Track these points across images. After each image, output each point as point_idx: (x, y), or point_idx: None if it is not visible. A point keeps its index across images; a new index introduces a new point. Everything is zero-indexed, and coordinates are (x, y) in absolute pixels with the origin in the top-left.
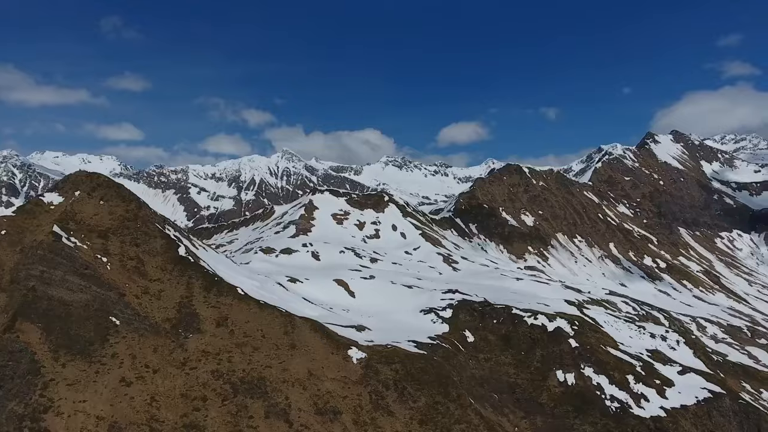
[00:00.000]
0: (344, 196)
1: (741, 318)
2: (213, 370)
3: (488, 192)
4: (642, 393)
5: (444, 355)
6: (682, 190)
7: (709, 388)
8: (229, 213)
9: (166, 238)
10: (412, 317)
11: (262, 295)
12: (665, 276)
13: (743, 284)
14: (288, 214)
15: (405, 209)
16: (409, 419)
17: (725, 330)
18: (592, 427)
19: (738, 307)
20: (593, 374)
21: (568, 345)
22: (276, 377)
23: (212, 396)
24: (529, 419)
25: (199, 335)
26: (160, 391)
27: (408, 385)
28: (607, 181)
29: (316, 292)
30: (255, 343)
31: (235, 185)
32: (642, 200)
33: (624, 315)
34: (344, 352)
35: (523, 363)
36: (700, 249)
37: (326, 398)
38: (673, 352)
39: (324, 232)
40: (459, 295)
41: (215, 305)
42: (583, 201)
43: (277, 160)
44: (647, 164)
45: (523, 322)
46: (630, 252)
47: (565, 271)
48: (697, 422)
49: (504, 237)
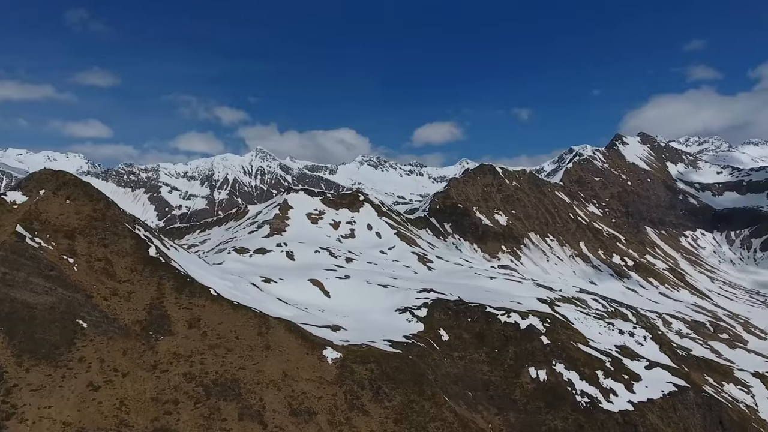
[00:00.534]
0: (319, 196)
1: (704, 314)
2: (185, 372)
3: (462, 192)
4: (611, 388)
5: (419, 354)
6: (648, 191)
7: (675, 381)
8: (202, 212)
9: (136, 238)
10: (387, 316)
11: (236, 296)
12: (633, 274)
13: (706, 281)
14: (262, 213)
15: (380, 209)
16: (385, 418)
17: (689, 325)
18: (563, 422)
19: (701, 303)
20: (564, 370)
21: (540, 342)
22: (250, 379)
23: (184, 399)
24: (503, 415)
25: (171, 337)
26: (129, 395)
27: (383, 384)
28: (578, 181)
29: (290, 292)
30: (228, 344)
31: (208, 184)
32: (611, 200)
33: (594, 312)
34: (319, 352)
35: (497, 360)
36: (665, 247)
37: (301, 399)
38: (641, 347)
39: (299, 231)
40: (434, 294)
41: (187, 306)
42: (555, 201)
43: (251, 159)
44: (616, 165)
45: (497, 320)
46: (599, 251)
47: (538, 270)
48: (663, 415)
49: (478, 236)
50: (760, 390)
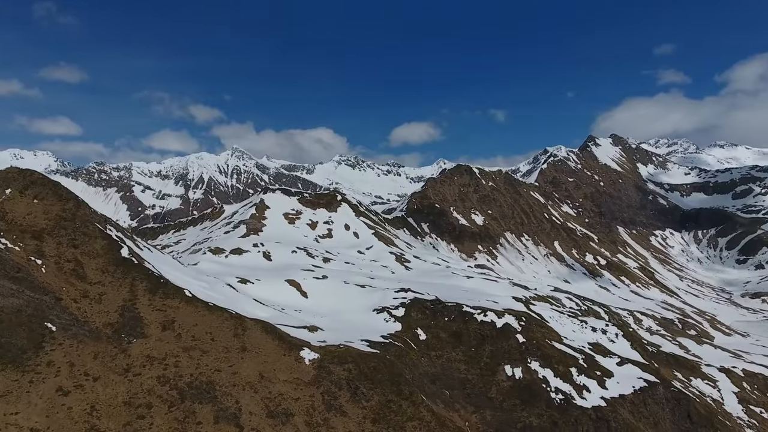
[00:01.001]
0: (296, 195)
1: (673, 311)
2: (159, 375)
3: (439, 192)
4: (584, 384)
5: (396, 354)
6: (620, 191)
7: (645, 377)
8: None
9: (108, 238)
10: (364, 316)
11: (211, 297)
12: (605, 272)
13: (675, 280)
14: (238, 213)
15: (358, 209)
16: (362, 418)
17: (659, 322)
18: (537, 419)
19: (670, 300)
20: (539, 368)
21: (515, 340)
22: (226, 381)
23: (158, 403)
24: (479, 413)
25: (144, 340)
26: (100, 400)
27: (361, 384)
28: (552, 181)
29: (267, 292)
30: (204, 346)
31: (183, 183)
32: (584, 200)
33: (568, 310)
34: (296, 353)
35: (474, 359)
36: (636, 246)
37: (278, 400)
38: (613, 344)
39: (276, 231)
40: (411, 294)
41: (161, 308)
42: (530, 201)
43: (226, 158)
44: (589, 166)
45: (474, 319)
46: (573, 250)
47: (513, 269)
48: (633, 410)
49: (455, 236)
50: (725, 384)
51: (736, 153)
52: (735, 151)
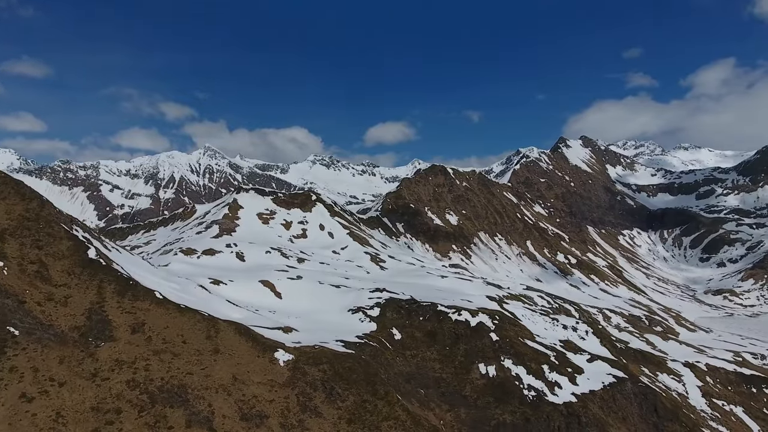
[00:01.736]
0: (270, 195)
1: (640, 308)
2: (128, 379)
3: (414, 192)
4: (556, 381)
5: (372, 354)
6: (590, 192)
7: (614, 373)
8: (146, 212)
9: (74, 239)
10: (339, 317)
11: (183, 299)
12: (575, 271)
13: (642, 278)
14: (211, 213)
15: (332, 209)
16: (338, 419)
17: (627, 319)
18: (511, 416)
19: (638, 298)
20: (512, 365)
21: (489, 339)
22: (198, 384)
23: (127, 408)
24: (454, 412)
25: (112, 343)
26: (67, 406)
27: (336, 385)
28: (525, 182)
29: (240, 293)
30: (175, 349)
31: (153, 183)
32: (555, 200)
33: (540, 308)
34: (270, 354)
35: (448, 358)
36: (605, 246)
37: (252, 403)
38: (583, 341)
39: (249, 231)
40: (386, 294)
41: (130, 311)
42: (503, 201)
43: (198, 157)
44: (560, 167)
45: (448, 318)
46: (545, 249)
47: (487, 268)
48: (603, 405)
49: (429, 236)
50: (690, 378)
51: (700, 155)
52: (698, 154)
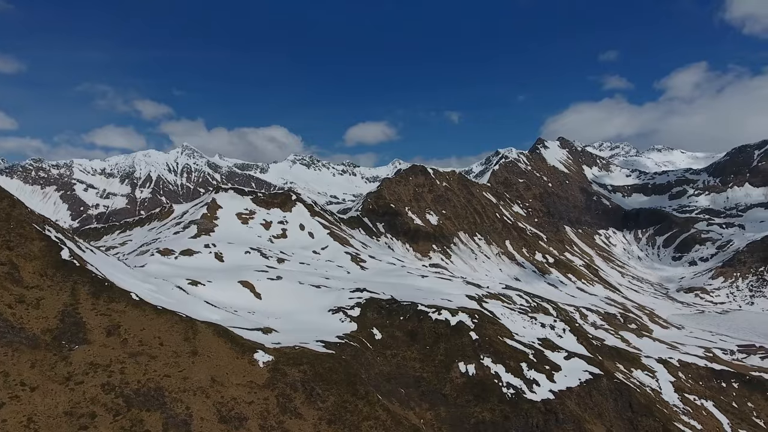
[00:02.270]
0: (250, 195)
1: (615, 306)
2: (103, 383)
3: (395, 192)
4: (534, 378)
5: (352, 354)
6: (567, 192)
7: (590, 370)
8: (122, 212)
9: (46, 240)
10: (320, 317)
11: (160, 300)
12: (553, 270)
13: (617, 276)
14: (189, 213)
15: (313, 208)
16: (318, 420)
17: (603, 317)
18: (490, 414)
19: (613, 296)
20: (491, 364)
21: (469, 338)
22: (176, 386)
23: (102, 412)
24: (434, 410)
25: (87, 346)
26: (39, 411)
27: (316, 385)
28: (504, 182)
29: (219, 294)
30: (152, 351)
31: (129, 182)
32: (533, 201)
33: (518, 307)
34: (250, 355)
35: (428, 357)
36: (582, 245)
37: (231, 405)
38: (560, 339)
39: (228, 232)
40: (367, 294)
41: (105, 313)
42: (483, 201)
43: (176, 156)
44: (538, 167)
45: (428, 317)
46: (523, 249)
47: (467, 268)
48: (580, 402)
49: (410, 236)
50: (663, 374)
51: (672, 157)
52: (671, 155)
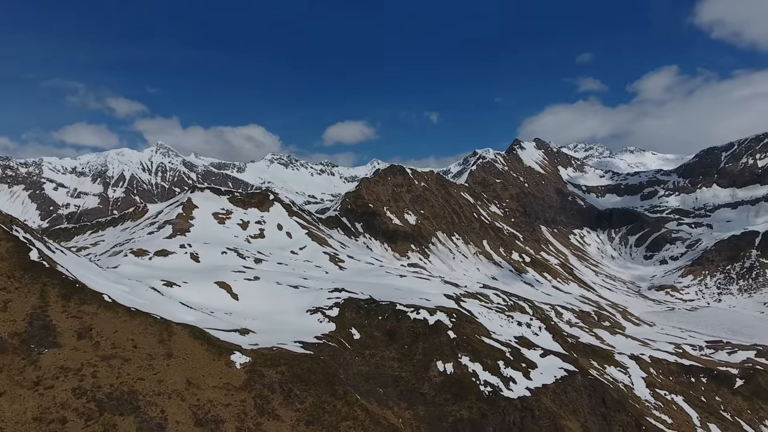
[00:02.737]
0: (226, 195)
1: (590, 304)
2: (74, 387)
3: (373, 192)
4: (511, 376)
5: (331, 354)
6: (543, 192)
7: (565, 367)
8: (94, 212)
9: (14, 240)
10: (298, 318)
11: (133, 302)
12: (529, 269)
13: (591, 275)
14: (163, 213)
15: (291, 208)
16: (296, 421)
17: (577, 315)
18: (468, 412)
19: (587, 294)
20: (469, 362)
21: (447, 336)
22: (150, 390)
23: (73, 417)
24: (412, 409)
25: (57, 350)
26: (6, 417)
27: (294, 386)
28: (481, 182)
29: (195, 295)
30: (125, 354)
31: (101, 181)
32: (510, 201)
33: (495, 306)
34: (227, 357)
35: (407, 356)
36: (557, 245)
37: (207, 408)
38: (536, 337)
39: (204, 232)
40: (345, 294)
41: (76, 315)
42: (461, 201)
43: (150, 155)
44: (515, 168)
45: (407, 317)
46: (501, 248)
47: (445, 267)
48: (555, 398)
49: (388, 235)
50: (635, 370)
51: (644, 158)
52: (643, 157)
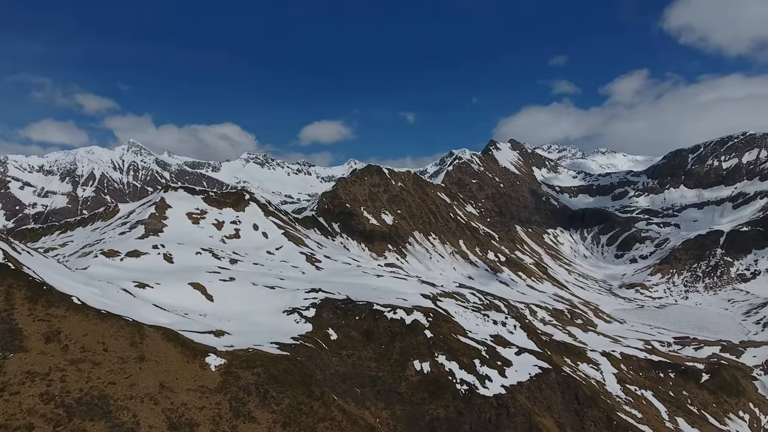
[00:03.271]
0: (201, 194)
1: (563, 302)
2: (41, 393)
3: (350, 192)
4: (486, 374)
5: (307, 355)
6: (518, 192)
7: (539, 365)
8: (63, 211)
9: None
10: (274, 318)
11: (104, 304)
12: (505, 269)
13: (565, 274)
14: (135, 212)
15: (267, 208)
16: (273, 423)
17: (551, 313)
18: (444, 410)
19: (561, 293)
20: (446, 361)
21: (424, 336)
22: (121, 394)
23: (40, 423)
24: (390, 409)
25: (23, 354)
26: None
27: (271, 388)
28: (457, 183)
29: (169, 297)
30: (95, 358)
31: (70, 180)
32: (486, 201)
33: (471, 305)
34: (201, 359)
35: (384, 356)
36: (532, 244)
37: (181, 411)
38: (512, 335)
39: (178, 232)
40: (322, 294)
41: (44, 318)
42: (437, 201)
43: (122, 153)
44: (490, 168)
45: (384, 317)
46: (476, 248)
47: (422, 267)
48: (530, 395)
49: (365, 235)
50: (606, 366)
51: (615, 160)
52: (614, 158)
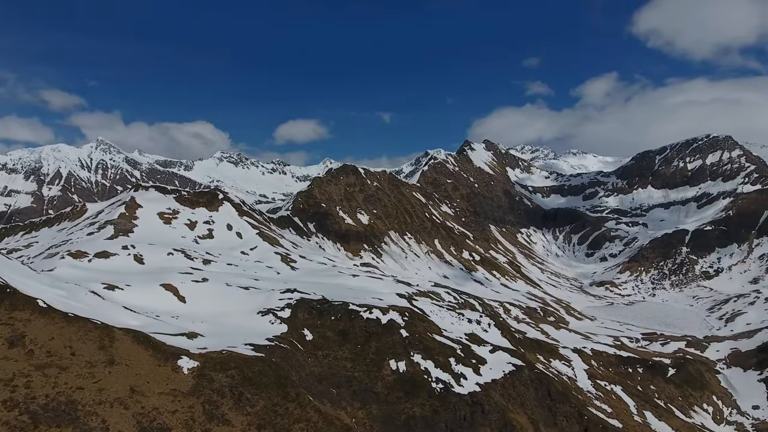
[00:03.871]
0: (173, 194)
1: (536, 300)
2: (4, 399)
3: (326, 191)
4: (461, 372)
5: (282, 356)
6: (492, 192)
7: (513, 362)
8: (27, 211)
9: None
10: (249, 320)
11: (71, 306)
12: (479, 268)
13: (537, 272)
14: (104, 212)
15: (241, 208)
16: (247, 425)
17: (524, 311)
18: (420, 409)
19: (534, 291)
20: (421, 360)
21: (399, 335)
22: (90, 399)
23: (4, 431)
24: (365, 409)
25: None
26: None
27: (245, 390)
28: (433, 182)
29: (139, 299)
30: (62, 362)
31: (35, 178)
32: (461, 201)
33: (447, 304)
34: (173, 362)
35: (360, 356)
36: (506, 243)
37: (152, 415)
38: (486, 333)
39: (149, 232)
40: (297, 294)
41: (7, 322)
42: (413, 201)
43: (90, 151)
44: (465, 168)
45: (360, 316)
46: (452, 247)
47: (397, 267)
48: (504, 393)
49: (341, 235)
50: (578, 363)
51: (585, 161)
52: (584, 159)
